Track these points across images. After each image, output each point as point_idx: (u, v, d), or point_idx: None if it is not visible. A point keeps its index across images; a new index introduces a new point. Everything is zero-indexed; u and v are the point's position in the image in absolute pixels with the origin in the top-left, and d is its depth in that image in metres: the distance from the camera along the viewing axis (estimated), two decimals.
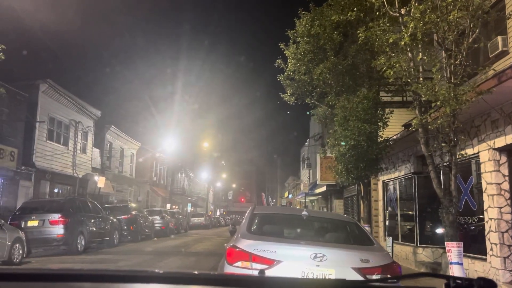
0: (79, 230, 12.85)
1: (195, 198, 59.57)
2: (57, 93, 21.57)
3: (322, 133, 25.51)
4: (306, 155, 36.09)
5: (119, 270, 1.68)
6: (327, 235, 4.69)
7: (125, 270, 1.88)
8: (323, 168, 19.64)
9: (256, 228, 4.63)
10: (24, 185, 19.03)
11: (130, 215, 18.34)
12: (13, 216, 12.57)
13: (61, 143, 22.50)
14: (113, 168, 29.93)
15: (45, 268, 2.36)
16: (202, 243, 18.71)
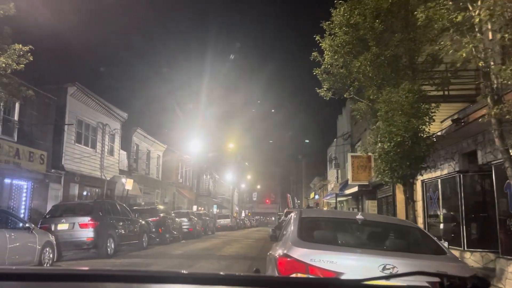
0: (109, 233, 12.64)
1: (220, 199, 59.48)
2: (85, 96, 21.62)
3: (351, 131, 24.78)
4: (333, 155, 35.29)
5: (135, 270, 1.73)
6: (388, 242, 4.16)
7: (139, 270, 1.90)
8: (355, 167, 18.97)
9: (306, 234, 4.12)
10: (54, 188, 19.09)
11: (159, 217, 18.13)
12: (43, 219, 12.47)
13: (89, 145, 22.56)
14: (140, 170, 29.97)
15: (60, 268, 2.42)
16: (231, 245, 18.32)
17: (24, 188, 17.04)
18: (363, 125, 21.17)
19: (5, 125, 15.76)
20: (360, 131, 21.93)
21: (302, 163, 78.25)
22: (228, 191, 66.35)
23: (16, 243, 8.63)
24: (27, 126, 17.11)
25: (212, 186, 54.83)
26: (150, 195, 31.98)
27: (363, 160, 18.98)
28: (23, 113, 16.71)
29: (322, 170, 55.09)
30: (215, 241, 21.68)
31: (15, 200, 16.52)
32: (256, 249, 17.33)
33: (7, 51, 9.75)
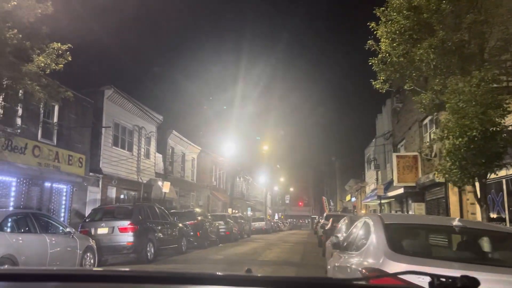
0: (148, 238, 12.26)
1: (253, 202, 59.04)
2: (121, 98, 21.58)
3: (393, 131, 23.67)
4: (372, 155, 34.07)
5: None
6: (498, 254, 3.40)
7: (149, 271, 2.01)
8: (400, 168, 17.92)
9: (397, 244, 3.41)
10: (92, 191, 19.04)
11: (196, 220, 17.72)
12: (83, 223, 12.24)
13: (125, 148, 22.50)
14: (175, 173, 29.82)
15: None
16: (271, 250, 17.67)
17: (64, 191, 17.01)
18: (407, 124, 20.10)
19: (44, 129, 15.75)
20: (404, 130, 20.84)
21: (335, 165, 76.77)
22: (261, 193, 65.86)
23: (57, 248, 8.32)
24: (66, 130, 17.09)
25: (245, 188, 54.44)
26: (185, 198, 31.80)
27: (409, 160, 17.92)
28: (62, 117, 16.69)
29: (358, 172, 53.65)
30: (253, 245, 21.09)
31: (55, 204, 16.50)
32: (298, 253, 16.61)
33: (45, 51, 9.51)
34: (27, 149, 14.57)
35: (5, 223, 7.33)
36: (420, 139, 17.90)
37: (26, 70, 8.96)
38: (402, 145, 22.06)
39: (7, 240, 7.09)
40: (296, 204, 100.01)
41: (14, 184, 14.17)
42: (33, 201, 15.16)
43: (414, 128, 18.81)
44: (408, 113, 19.98)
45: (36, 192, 15.40)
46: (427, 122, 17.04)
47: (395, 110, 22.69)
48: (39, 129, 15.44)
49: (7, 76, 8.93)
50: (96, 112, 19.55)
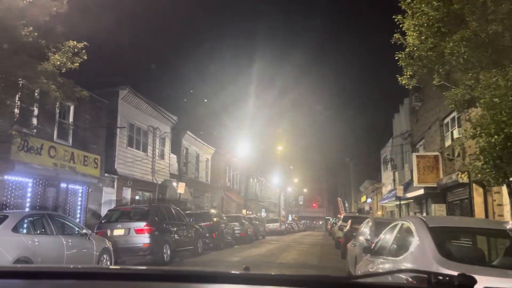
0: (165, 239, 12.05)
1: (267, 203, 58.74)
2: (136, 99, 21.49)
3: (412, 130, 23.14)
4: (389, 156, 33.48)
5: None
6: None
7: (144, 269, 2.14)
8: (420, 168, 17.44)
9: (445, 249, 3.07)
10: (107, 192, 18.96)
11: (212, 221, 17.49)
12: (99, 224, 12.08)
13: (140, 149, 22.40)
14: (190, 173, 29.69)
15: None
16: (288, 252, 17.33)
17: (79, 192, 16.94)
18: (427, 123, 19.59)
19: (60, 129, 15.68)
20: (423, 129, 20.33)
21: (350, 165, 76.01)
22: (275, 194, 65.50)
23: (73, 249, 8.13)
24: (81, 130, 17.02)
25: (258, 190, 54.18)
26: (199, 199, 31.65)
27: (430, 160, 17.44)
28: (77, 117, 16.62)
29: (374, 173, 52.92)
30: (269, 246, 20.78)
31: (71, 205, 16.44)
32: (316, 256, 16.26)
33: (61, 49, 9.36)
34: (43, 150, 14.50)
35: (20, 225, 7.17)
36: (440, 138, 17.40)
37: (42, 69, 8.81)
38: (421, 144, 21.54)
39: (23, 242, 6.93)
40: (309, 205, 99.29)
41: (30, 185, 14.11)
42: (49, 202, 15.10)
43: (434, 128, 18.31)
44: (428, 112, 19.49)
45: (52, 193, 15.35)
46: (449, 121, 16.54)
47: (414, 109, 22.17)
48: (55, 130, 15.38)
49: (22, 75, 8.79)
50: (110, 112, 19.47)
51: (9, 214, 7.33)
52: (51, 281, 1.56)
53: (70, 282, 1.58)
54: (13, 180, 13.34)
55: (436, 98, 17.97)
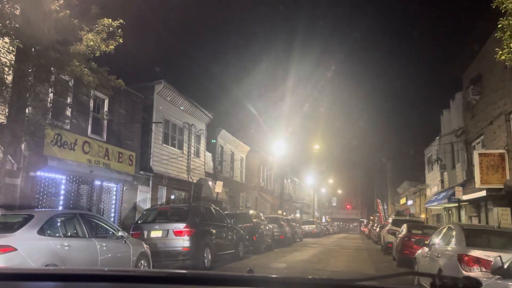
0: (206, 242, 10.96)
1: (300, 204, 57.35)
2: (171, 93, 20.63)
3: (466, 126, 21.22)
4: (434, 155, 31.41)
5: None
6: None
7: None
8: (484, 168, 15.67)
9: None
10: (142, 191, 18.15)
11: (252, 223, 16.34)
12: (135, 225, 11.10)
13: (176, 146, 21.54)
14: (225, 172, 28.70)
15: None
16: (335, 258, 15.94)
17: (114, 190, 16.17)
18: (487, 118, 17.73)
19: (94, 124, 14.92)
20: (482, 125, 18.45)
21: (387, 166, 73.30)
22: (308, 195, 63.97)
23: (107, 254, 7.11)
24: (116, 126, 16.25)
25: (292, 190, 52.86)
26: (234, 199, 30.64)
27: (494, 158, 15.65)
28: (111, 111, 15.83)
29: (414, 174, 50.48)
30: (311, 250, 19.43)
31: (105, 203, 15.67)
32: (367, 262, 14.82)
33: (95, 30, 8.40)
34: (76, 145, 13.74)
35: (48, 226, 6.17)
36: (507, 134, 15.58)
37: (74, 51, 7.88)
38: (478, 142, 19.64)
39: (51, 247, 5.93)
40: (343, 207, 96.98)
41: (64, 182, 13.36)
42: (82, 200, 14.36)
43: (498, 122, 16.47)
44: (489, 106, 17.64)
45: (86, 190, 14.60)
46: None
47: (470, 103, 20.27)
48: (89, 124, 14.63)
49: (54, 59, 7.87)
50: (146, 107, 18.67)
51: (35, 213, 6.35)
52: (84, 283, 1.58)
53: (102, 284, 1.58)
54: (45, 176, 12.60)
55: (500, 89, 16.18)
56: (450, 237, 7.08)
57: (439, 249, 7.21)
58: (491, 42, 17.73)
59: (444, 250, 6.96)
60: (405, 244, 13.21)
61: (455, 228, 6.97)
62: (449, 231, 7.33)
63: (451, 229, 7.28)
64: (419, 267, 8.52)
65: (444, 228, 8.01)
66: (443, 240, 7.40)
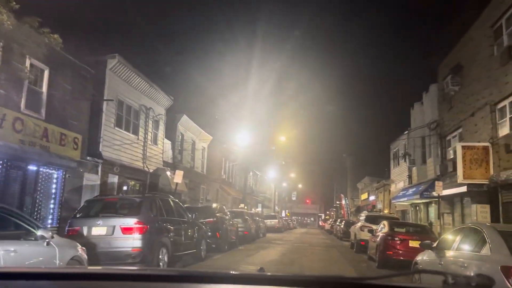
0: (161, 241, 9.01)
1: (262, 198, 56.06)
2: (127, 71, 18.29)
3: (441, 119, 20.30)
4: (401, 150, 30.74)
5: None
6: None
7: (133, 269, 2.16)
8: (467, 161, 14.61)
9: None
10: (90, 179, 15.83)
11: (215, 218, 14.48)
12: (72, 220, 8.92)
13: (130, 131, 19.24)
14: (185, 162, 26.57)
15: None
16: (306, 257, 14.41)
17: (54, 178, 13.79)
18: (467, 109, 16.75)
19: (30, 97, 12.47)
20: (461, 117, 17.49)
21: (347, 162, 73.38)
22: (269, 189, 62.86)
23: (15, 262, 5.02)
24: (58, 102, 13.84)
25: (254, 184, 51.40)
26: (194, 191, 28.60)
27: (478, 151, 14.62)
28: (54, 85, 13.46)
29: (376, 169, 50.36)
30: (278, 248, 17.84)
31: (43, 193, 13.26)
32: (345, 263, 13.36)
33: None
34: (5, 122, 11.31)
35: None
36: (492, 126, 14.58)
37: None
38: (454, 135, 18.73)
39: None
40: (303, 201, 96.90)
41: None
42: (13, 187, 11.93)
43: (481, 114, 15.47)
44: (469, 97, 16.66)
45: (18, 176, 12.16)
46: (507, 104, 13.70)
47: (447, 95, 19.31)
48: (22, 98, 12.16)
49: None
50: (96, 85, 16.28)
51: None
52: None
53: None
54: None
55: (485, 79, 15.16)
56: (478, 241, 5.57)
57: (463, 256, 5.70)
58: (475, 30, 16.80)
59: (472, 257, 5.44)
60: (388, 244, 11.84)
61: (486, 231, 5.46)
62: (475, 234, 5.83)
63: (478, 231, 5.76)
64: (426, 275, 7.00)
65: (463, 229, 6.53)
66: (467, 245, 5.90)
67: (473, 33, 16.57)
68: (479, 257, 5.24)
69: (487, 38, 15.14)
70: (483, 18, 15.57)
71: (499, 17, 14.19)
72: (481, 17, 15.76)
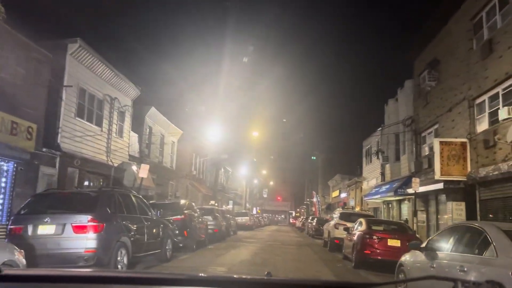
0: (120, 242, 8.01)
1: (233, 195, 55.21)
2: (90, 57, 17.00)
3: (417, 115, 20.00)
4: (374, 148, 30.57)
5: None
6: None
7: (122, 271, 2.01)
8: (445, 158, 14.23)
9: None
10: (46, 173, 14.54)
11: (184, 215, 13.51)
12: (16, 217, 7.78)
13: (93, 122, 17.96)
14: (153, 157, 25.37)
15: None
16: (279, 256, 13.66)
17: (4, 170, 12.50)
18: (445, 105, 16.44)
19: None
20: (437, 112, 17.19)
21: (319, 159, 73.41)
22: (241, 186, 62.03)
23: None
24: (9, 87, 12.53)
25: (225, 180, 50.48)
26: (162, 187, 27.41)
27: (456, 147, 14.27)
28: (3, 67, 12.14)
29: (346, 167, 50.37)
30: (250, 247, 17.04)
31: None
32: (320, 264, 12.70)
33: None
34: None
35: None
36: (470, 122, 14.26)
37: None
38: (430, 132, 18.44)
39: None
40: (274, 198, 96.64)
41: None
42: None
43: (458, 109, 15.16)
44: (447, 92, 16.35)
45: None
46: (486, 99, 13.36)
47: (423, 90, 19.01)
48: None
49: None
50: (55, 70, 14.98)
51: None
52: None
53: None
54: None
55: (464, 73, 14.83)
56: (478, 242, 4.91)
57: (461, 258, 5.02)
58: (453, 23, 16.47)
59: (472, 261, 4.77)
60: (365, 243, 11.23)
61: (489, 231, 4.80)
62: (473, 234, 5.17)
63: (477, 230, 5.11)
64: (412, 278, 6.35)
65: (457, 228, 5.89)
66: (464, 246, 5.25)
67: (451, 26, 16.23)
68: (482, 261, 4.58)
69: (466, 31, 14.80)
70: (462, 11, 15.23)
71: (480, 10, 13.84)
72: (460, 10, 15.42)
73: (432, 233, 17.95)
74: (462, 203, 15.31)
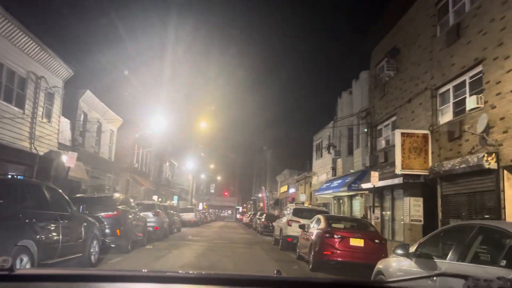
0: (20, 246, 6.06)
1: (178, 190, 52.96)
2: (9, 25, 14.46)
3: (373, 107, 19.20)
4: (324, 142, 29.83)
5: None
6: None
7: None
8: (406, 150, 13.35)
9: None
10: None
11: (117, 212, 11.55)
12: None
13: (12, 103, 15.43)
14: (88, 146, 22.88)
15: None
16: (228, 257, 12.08)
17: None
18: (404, 96, 15.65)
19: None
20: (396, 104, 16.41)
21: (267, 154, 72.66)
22: (187, 181, 59.76)
23: None
24: None
25: (170, 175, 48.09)
26: (99, 180, 24.94)
27: (418, 139, 13.44)
28: None
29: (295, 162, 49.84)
30: (195, 247, 15.34)
31: None
32: (271, 264, 11.28)
33: None
34: None
35: None
36: (432, 112, 13.47)
37: None
38: (387, 124, 17.68)
39: None
40: (221, 193, 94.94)
41: None
42: None
43: (419, 100, 14.37)
44: (407, 82, 15.56)
45: None
46: (450, 88, 12.58)
47: (380, 81, 18.24)
48: None
49: None
50: None
51: None
52: None
53: None
54: None
55: (426, 62, 14.03)
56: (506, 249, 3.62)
57: (479, 271, 3.72)
58: (415, 9, 15.70)
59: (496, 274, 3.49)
60: (325, 243, 9.96)
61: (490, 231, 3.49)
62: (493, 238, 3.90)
63: (502, 233, 3.82)
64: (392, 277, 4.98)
65: (461, 229, 4.62)
66: (478, 254, 3.96)
67: (413, 13, 15.43)
68: (482, 269, 3.30)
69: (429, 17, 13.99)
70: None
71: None
72: None
73: (387, 230, 17.22)
74: (420, 198, 14.62)
